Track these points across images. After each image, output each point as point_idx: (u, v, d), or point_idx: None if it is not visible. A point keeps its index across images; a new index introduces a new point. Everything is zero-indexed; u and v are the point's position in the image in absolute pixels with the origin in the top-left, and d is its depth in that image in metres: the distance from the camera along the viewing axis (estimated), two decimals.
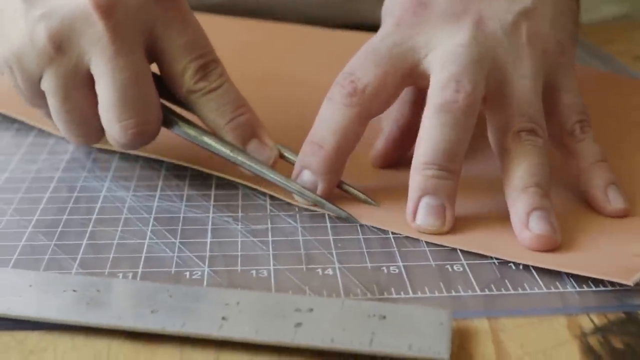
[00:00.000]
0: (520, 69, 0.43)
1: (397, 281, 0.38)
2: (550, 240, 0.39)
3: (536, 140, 0.42)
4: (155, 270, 0.38)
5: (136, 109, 0.43)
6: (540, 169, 0.42)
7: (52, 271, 0.38)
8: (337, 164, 0.43)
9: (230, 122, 0.44)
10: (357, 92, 0.42)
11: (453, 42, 0.43)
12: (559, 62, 0.45)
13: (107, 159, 0.50)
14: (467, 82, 0.41)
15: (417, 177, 0.41)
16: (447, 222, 0.41)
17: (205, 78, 0.44)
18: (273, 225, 0.42)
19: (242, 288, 0.37)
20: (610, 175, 0.44)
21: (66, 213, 0.44)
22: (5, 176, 0.48)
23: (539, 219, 0.40)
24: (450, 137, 0.41)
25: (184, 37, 0.44)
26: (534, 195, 0.41)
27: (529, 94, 0.43)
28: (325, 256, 0.40)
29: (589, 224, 0.42)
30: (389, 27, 0.45)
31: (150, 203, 0.44)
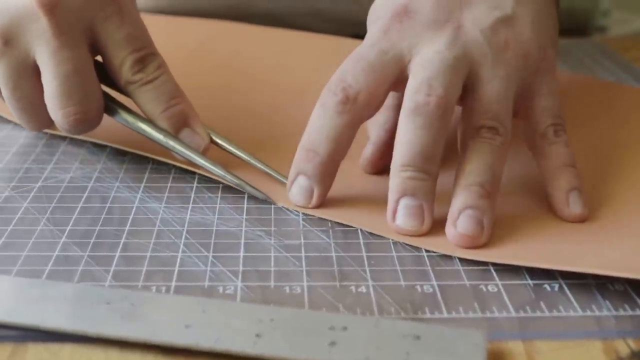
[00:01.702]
0: (496, 70, 0.45)
1: (431, 300, 0.37)
2: (472, 240, 0.41)
3: (495, 138, 0.43)
4: (189, 284, 0.38)
5: (77, 99, 0.46)
6: (488, 168, 0.43)
7: (86, 283, 0.38)
8: (331, 169, 0.45)
9: (164, 111, 0.48)
10: (349, 100, 0.44)
11: (431, 49, 0.44)
12: (539, 66, 0.47)
13: (140, 169, 0.50)
14: (438, 86, 0.43)
15: (395, 179, 0.43)
16: (426, 223, 0.42)
17: (143, 70, 0.48)
18: (306, 240, 0.42)
19: (275, 304, 0.37)
20: (575, 180, 0.45)
21: (99, 224, 0.44)
22: (39, 185, 0.48)
23: (468, 218, 0.41)
24: (425, 139, 0.42)
25: (123, 31, 0.47)
26: (472, 194, 0.42)
27: (498, 95, 0.44)
28: (358, 273, 0.39)
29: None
30: (376, 34, 0.46)
31: (183, 215, 0.45)
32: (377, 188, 0.47)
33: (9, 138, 0.55)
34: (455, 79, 0.44)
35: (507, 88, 0.45)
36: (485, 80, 0.44)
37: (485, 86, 0.44)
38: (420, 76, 0.43)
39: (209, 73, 0.64)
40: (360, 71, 0.44)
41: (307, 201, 0.45)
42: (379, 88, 0.44)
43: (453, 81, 0.44)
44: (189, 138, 0.48)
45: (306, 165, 0.45)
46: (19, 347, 0.34)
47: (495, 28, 0.46)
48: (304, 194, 0.45)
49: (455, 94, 0.44)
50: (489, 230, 0.42)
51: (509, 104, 0.45)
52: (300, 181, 0.45)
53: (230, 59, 0.67)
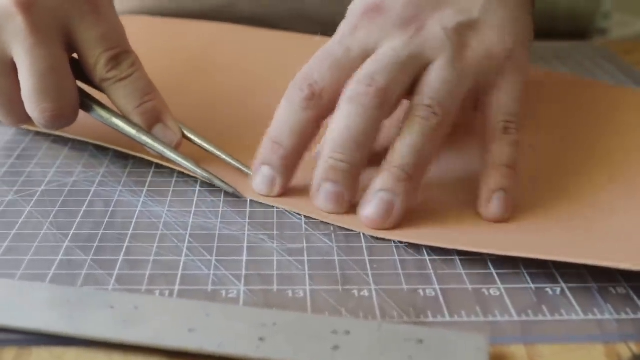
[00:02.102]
0: (452, 63, 0.45)
1: (434, 304, 0.37)
2: (377, 223, 0.43)
3: (429, 118, 0.44)
4: (192, 288, 0.38)
5: (53, 95, 0.47)
6: (414, 150, 0.43)
7: (90, 287, 0.38)
8: (294, 161, 0.46)
9: (138, 107, 0.49)
10: (314, 96, 0.45)
11: (389, 45, 0.46)
12: (503, 66, 0.47)
13: (142, 173, 0.50)
14: (381, 79, 0.44)
15: (321, 163, 0.44)
16: (345, 207, 0.44)
17: (116, 67, 0.49)
18: (309, 244, 0.42)
19: (278, 308, 0.37)
20: (504, 181, 0.45)
21: (102, 228, 0.44)
22: (42, 189, 0.48)
23: (378, 201, 0.43)
24: (356, 126, 0.44)
25: (98, 30, 0.49)
26: (390, 176, 0.43)
27: (445, 79, 0.45)
28: (361, 277, 0.39)
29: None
30: (345, 31, 0.47)
31: (186, 219, 0.45)
32: None
33: (12, 142, 0.55)
34: (402, 77, 0.45)
35: (459, 78, 0.45)
36: (438, 68, 0.45)
37: (436, 72, 0.45)
38: (367, 68, 0.45)
39: (183, 70, 0.65)
40: (327, 68, 0.46)
41: (269, 190, 0.47)
42: (343, 85, 0.45)
43: (398, 78, 0.45)
44: (161, 133, 0.50)
45: (270, 157, 0.46)
46: (23, 351, 0.35)
47: (458, 30, 0.47)
48: (267, 184, 0.47)
49: (397, 91, 0.45)
50: (398, 214, 0.43)
51: (454, 90, 0.45)
52: (264, 171, 0.46)
53: (204, 57, 0.68)
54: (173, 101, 0.51)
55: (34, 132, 0.56)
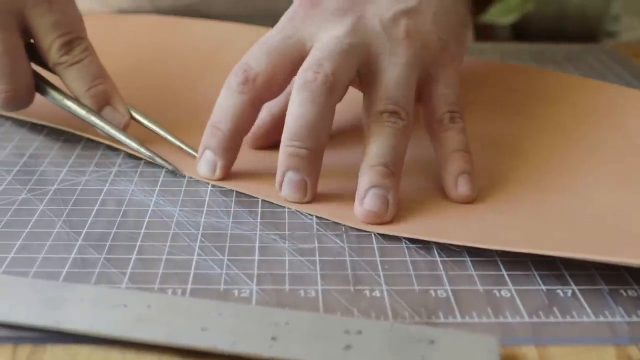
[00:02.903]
0: (395, 58, 0.47)
1: (445, 305, 0.38)
2: (377, 216, 0.44)
3: (396, 122, 0.46)
4: (204, 287, 0.39)
5: (7, 78, 0.51)
6: (391, 149, 0.45)
7: (103, 285, 0.39)
8: (233, 143, 0.48)
9: (88, 90, 0.52)
10: (249, 80, 0.47)
11: (329, 35, 0.47)
12: (440, 56, 0.49)
13: (154, 173, 0.50)
14: (327, 66, 0.45)
15: (281, 153, 0.46)
16: (308, 194, 0.46)
17: (69, 53, 0.52)
18: (320, 244, 0.43)
19: (290, 308, 0.37)
20: (465, 164, 0.47)
21: (115, 227, 0.44)
22: (55, 187, 0.48)
23: (374, 196, 0.44)
24: (309, 113, 0.45)
25: (51, 17, 0.52)
26: (377, 174, 0.44)
27: (399, 81, 0.47)
28: (372, 278, 0.40)
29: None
30: (283, 21, 0.49)
31: (198, 219, 0.45)
32: None
33: (24, 140, 0.55)
34: (347, 63, 0.46)
35: (407, 75, 0.47)
36: (384, 67, 0.47)
37: (385, 73, 0.47)
38: (313, 56, 0.46)
39: (144, 62, 0.68)
40: (263, 55, 0.48)
41: (211, 173, 0.49)
42: (279, 71, 0.47)
43: (344, 64, 0.46)
44: (110, 115, 0.52)
45: (211, 140, 0.48)
46: (37, 348, 0.35)
47: (395, 19, 0.48)
48: (209, 167, 0.49)
49: (345, 77, 0.46)
50: (394, 207, 0.44)
51: (409, 89, 0.47)
52: (206, 155, 0.49)
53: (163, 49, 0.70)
54: (132, 87, 0.56)
55: (46, 131, 0.56)
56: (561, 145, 0.53)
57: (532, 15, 1.59)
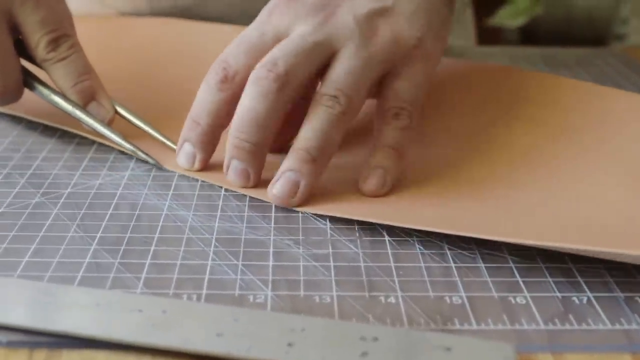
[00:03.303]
0: (360, 52, 0.48)
1: (460, 312, 0.38)
2: (282, 201, 0.46)
3: (334, 107, 0.46)
4: (219, 292, 0.39)
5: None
6: (320, 134, 0.46)
7: (118, 290, 0.39)
8: (211, 137, 0.50)
9: (74, 85, 0.54)
10: (227, 78, 0.48)
11: (297, 31, 0.48)
12: (410, 54, 0.50)
13: (167, 177, 0.50)
14: (282, 64, 0.46)
15: (228, 141, 0.47)
16: (251, 181, 0.48)
17: (56, 49, 0.54)
18: (334, 250, 0.43)
19: (305, 314, 0.37)
20: (386, 161, 0.47)
21: (129, 231, 0.44)
22: (68, 191, 0.48)
23: (284, 181, 0.46)
24: (256, 108, 0.46)
25: (38, 15, 0.53)
26: (296, 158, 0.46)
27: (352, 69, 0.47)
28: (387, 284, 0.40)
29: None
30: (262, 17, 0.50)
31: (212, 223, 0.45)
32: None
33: (37, 144, 0.55)
34: (306, 62, 0.47)
35: (364, 66, 0.47)
36: (345, 57, 0.47)
37: (343, 62, 0.47)
38: (272, 53, 0.47)
39: (133, 62, 0.70)
40: (241, 52, 0.49)
41: (190, 164, 0.50)
42: None
43: (301, 63, 0.47)
44: (95, 110, 0.54)
45: (190, 134, 0.50)
46: (53, 353, 0.35)
47: (369, 16, 0.49)
48: (188, 159, 0.50)
49: (300, 75, 0.47)
50: (304, 193, 0.46)
51: (360, 79, 0.47)
52: (185, 147, 0.50)
53: (153, 50, 0.72)
54: (121, 85, 0.59)
55: (59, 133, 0.57)
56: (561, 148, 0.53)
57: (540, 18, 1.59)
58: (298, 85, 0.47)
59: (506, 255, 0.42)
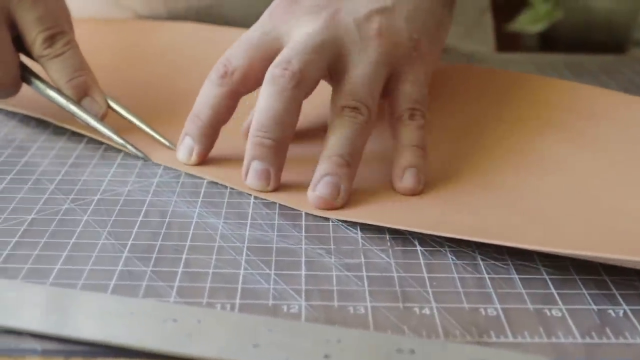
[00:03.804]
0: (364, 56, 0.49)
1: (496, 324, 0.37)
2: (327, 202, 0.47)
3: (356, 117, 0.48)
4: (253, 302, 0.38)
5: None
6: (349, 142, 0.47)
7: (151, 299, 0.39)
8: (210, 131, 0.51)
9: (69, 81, 0.56)
10: (227, 74, 0.50)
11: (303, 31, 0.49)
12: (410, 55, 0.51)
13: (196, 184, 0.50)
14: (296, 62, 0.48)
15: (248, 143, 0.48)
16: (272, 183, 0.48)
17: (51, 46, 0.56)
18: (366, 259, 0.42)
19: (340, 324, 0.37)
20: (414, 159, 0.49)
21: (160, 239, 0.44)
22: (98, 197, 0.48)
23: (326, 184, 0.46)
24: (276, 106, 0.47)
25: (35, 13, 0.55)
26: (332, 163, 0.47)
27: (364, 78, 0.49)
28: (421, 295, 0.39)
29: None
30: (263, 18, 0.52)
31: (242, 231, 0.45)
32: None
33: (65, 149, 0.55)
34: (317, 60, 0.48)
35: (374, 72, 0.49)
36: (353, 64, 0.49)
37: (352, 70, 0.49)
38: (284, 53, 0.49)
39: (133, 62, 0.71)
40: (242, 50, 0.51)
41: (188, 158, 0.52)
42: (256, 65, 0.50)
43: (313, 61, 0.48)
44: (88, 105, 0.56)
45: (191, 127, 0.52)
46: None
47: (369, 17, 0.50)
48: (186, 152, 0.52)
49: (313, 72, 0.48)
50: (344, 195, 0.47)
51: (373, 87, 0.49)
52: (186, 141, 0.52)
53: (161, 51, 0.73)
54: (119, 83, 0.62)
55: (86, 139, 0.57)
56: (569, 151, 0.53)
57: (559, 24, 1.59)
58: (312, 82, 0.49)
59: (539, 267, 0.42)
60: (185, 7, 0.79)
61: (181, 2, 0.79)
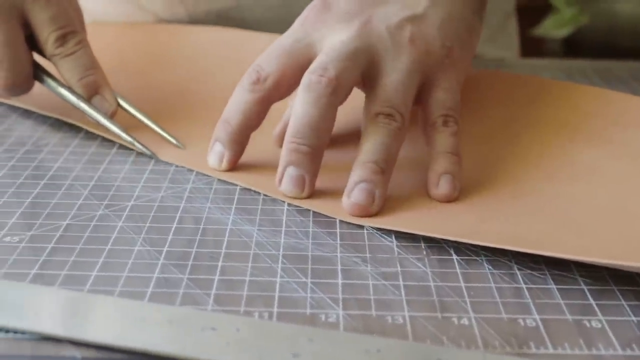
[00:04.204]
0: (397, 63, 0.50)
1: (535, 335, 0.37)
2: (362, 209, 0.46)
3: (390, 123, 0.48)
4: (291, 311, 0.38)
5: (7, 66, 0.56)
6: (383, 148, 0.47)
7: (189, 306, 0.39)
8: (240, 137, 0.52)
9: (80, 79, 0.57)
10: (259, 81, 0.50)
11: (336, 39, 0.50)
12: (442, 62, 0.51)
13: (229, 190, 0.50)
14: (332, 69, 0.48)
15: (284, 149, 0.48)
16: (306, 190, 0.48)
17: (63, 45, 0.57)
18: (403, 268, 0.42)
19: (378, 334, 0.37)
20: (449, 165, 0.49)
21: (195, 246, 0.44)
22: (132, 203, 0.48)
23: (361, 190, 0.46)
24: (312, 113, 0.48)
25: (48, 12, 0.57)
26: (367, 170, 0.47)
27: (397, 85, 0.49)
28: (459, 304, 0.39)
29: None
30: (295, 25, 0.52)
31: (277, 239, 0.45)
32: None
33: (97, 155, 0.56)
34: (352, 67, 0.49)
35: (407, 80, 0.49)
36: (386, 71, 0.49)
37: (385, 77, 0.49)
38: (319, 59, 0.49)
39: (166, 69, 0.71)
40: (274, 57, 0.51)
41: (218, 164, 0.52)
42: (289, 72, 0.51)
43: (349, 68, 0.49)
44: (98, 103, 0.57)
45: (221, 133, 0.52)
46: None
47: (401, 25, 0.51)
48: (217, 158, 0.52)
49: (348, 79, 0.49)
50: (379, 201, 0.47)
51: (406, 94, 0.49)
52: (216, 147, 0.52)
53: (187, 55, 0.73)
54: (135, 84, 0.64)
55: (117, 145, 0.57)
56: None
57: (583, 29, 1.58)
58: (347, 89, 0.49)
59: (576, 276, 0.42)
60: (205, 11, 0.79)
61: (202, 6, 0.79)
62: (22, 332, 0.36)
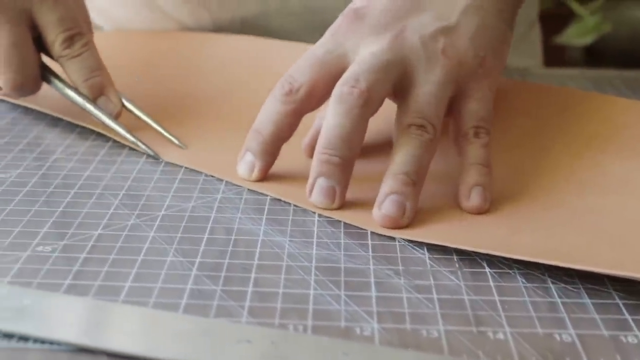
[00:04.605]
0: (430, 75, 0.49)
1: (572, 350, 0.37)
2: (393, 221, 0.46)
3: (422, 135, 0.48)
4: (325, 323, 0.38)
5: (15, 67, 0.57)
6: (415, 159, 0.47)
7: (223, 318, 0.39)
8: (272, 148, 0.52)
9: (85, 81, 0.59)
10: (292, 92, 0.50)
11: (368, 50, 0.50)
12: (475, 72, 0.51)
13: (259, 201, 0.50)
14: (364, 80, 0.48)
15: (315, 160, 0.48)
16: (337, 201, 0.48)
17: (70, 47, 0.58)
18: (436, 281, 0.42)
19: (413, 348, 0.37)
20: (480, 177, 0.49)
21: (227, 257, 0.44)
22: (162, 213, 0.49)
23: (392, 202, 0.46)
24: (344, 124, 0.48)
25: (55, 14, 0.58)
26: (398, 181, 0.47)
27: (430, 97, 0.49)
28: (493, 318, 0.39)
29: None
30: (327, 36, 0.52)
31: (309, 250, 0.45)
32: None
33: (126, 163, 0.56)
34: (383, 78, 0.49)
35: (439, 91, 0.49)
36: (418, 83, 0.49)
37: (418, 88, 0.49)
38: (351, 71, 0.49)
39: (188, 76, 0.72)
40: (307, 67, 0.51)
41: (249, 174, 0.52)
42: (321, 82, 0.50)
43: (380, 79, 0.48)
44: (104, 104, 0.59)
45: (252, 143, 0.52)
46: None
47: (434, 36, 0.51)
48: (247, 168, 0.52)
49: (380, 91, 0.49)
50: (410, 213, 0.47)
51: (438, 105, 0.49)
52: (246, 157, 0.52)
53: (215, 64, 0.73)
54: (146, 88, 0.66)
55: (145, 155, 0.57)
56: None
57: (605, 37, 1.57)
58: (379, 101, 0.49)
59: (611, 291, 0.42)
60: (230, 18, 0.80)
61: (226, 13, 0.79)
62: (57, 343, 0.36)
